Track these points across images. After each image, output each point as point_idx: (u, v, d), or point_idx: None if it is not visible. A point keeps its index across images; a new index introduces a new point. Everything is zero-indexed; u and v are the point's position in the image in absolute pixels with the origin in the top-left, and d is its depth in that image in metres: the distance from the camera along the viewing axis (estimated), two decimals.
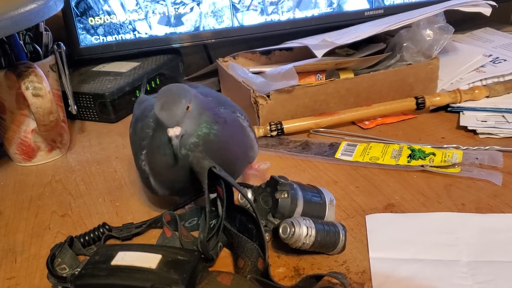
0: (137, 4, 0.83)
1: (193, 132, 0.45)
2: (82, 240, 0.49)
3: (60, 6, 0.63)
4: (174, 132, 0.43)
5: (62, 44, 0.71)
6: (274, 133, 0.67)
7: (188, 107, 0.44)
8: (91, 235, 0.50)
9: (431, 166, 0.56)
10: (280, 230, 0.43)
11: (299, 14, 0.86)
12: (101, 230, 0.50)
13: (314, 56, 0.70)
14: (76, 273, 0.44)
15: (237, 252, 0.44)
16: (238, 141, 0.49)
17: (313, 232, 0.42)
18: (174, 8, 0.84)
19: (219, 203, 0.45)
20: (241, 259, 0.43)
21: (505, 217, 0.48)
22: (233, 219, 0.47)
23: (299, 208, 0.45)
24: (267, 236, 0.45)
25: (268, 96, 0.67)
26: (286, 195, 0.44)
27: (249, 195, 0.47)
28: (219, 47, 0.94)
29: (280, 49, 0.82)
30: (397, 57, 0.73)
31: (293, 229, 0.42)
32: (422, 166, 0.56)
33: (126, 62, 0.88)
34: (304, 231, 0.42)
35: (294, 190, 0.45)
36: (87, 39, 0.85)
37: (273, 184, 0.46)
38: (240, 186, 0.45)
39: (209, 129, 0.46)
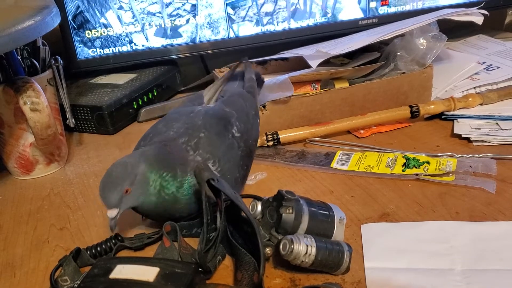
0: (134, 16, 0.84)
1: (142, 204, 0.48)
2: (93, 251, 0.50)
3: (57, 21, 0.63)
4: (109, 214, 0.46)
5: (59, 58, 0.72)
6: (271, 143, 0.67)
7: (127, 190, 0.46)
8: (103, 246, 0.50)
9: (426, 175, 0.57)
10: (280, 246, 0.42)
11: (294, 24, 0.87)
12: (113, 240, 0.50)
13: (309, 65, 0.71)
14: (76, 285, 0.45)
15: (236, 264, 0.44)
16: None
17: (313, 251, 0.41)
18: (170, 20, 0.85)
19: (218, 215, 0.46)
20: (239, 272, 0.43)
21: (499, 225, 0.48)
22: (239, 230, 0.47)
23: (304, 224, 0.44)
24: (269, 250, 0.45)
25: (264, 107, 0.68)
26: (290, 211, 0.44)
27: (259, 207, 0.47)
28: (215, 58, 0.95)
29: (276, 59, 0.83)
30: (391, 66, 0.74)
31: (292, 246, 0.41)
32: (417, 174, 0.57)
33: (123, 74, 0.89)
34: (303, 249, 0.41)
35: (300, 206, 0.44)
36: (84, 52, 0.86)
37: (279, 198, 0.45)
38: (241, 200, 0.45)
39: (159, 196, 0.48)
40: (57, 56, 0.72)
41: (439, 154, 0.61)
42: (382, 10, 0.87)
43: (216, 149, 0.51)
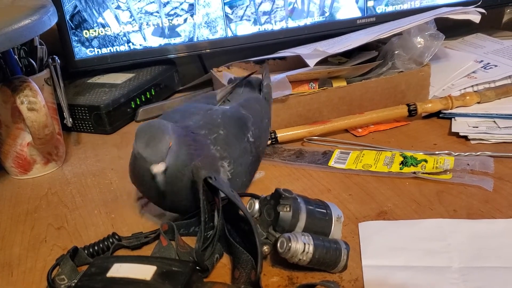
0: (131, 16, 0.84)
1: (174, 165, 0.46)
2: (91, 250, 0.49)
3: (54, 20, 0.63)
4: (158, 168, 0.44)
5: (56, 58, 0.72)
6: (268, 142, 0.67)
7: (170, 142, 0.45)
8: (100, 245, 0.50)
9: (423, 173, 0.57)
10: (278, 245, 0.42)
11: (292, 24, 0.87)
12: (111, 240, 0.50)
13: (307, 64, 0.71)
14: (73, 284, 0.45)
15: (234, 262, 0.44)
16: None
17: (310, 249, 0.41)
18: (168, 20, 0.85)
19: (215, 213, 0.46)
20: (237, 270, 0.43)
21: (496, 222, 0.48)
22: (237, 229, 0.47)
23: (301, 222, 0.44)
24: (266, 249, 0.44)
25: None
26: (288, 209, 0.44)
27: (257, 206, 0.47)
28: (213, 57, 0.95)
29: (274, 58, 0.83)
30: (389, 65, 0.74)
31: (289, 244, 0.41)
32: (414, 173, 0.57)
33: (121, 73, 0.89)
34: (300, 247, 0.41)
35: (297, 204, 0.44)
36: (82, 52, 0.86)
37: (277, 196, 0.45)
38: (239, 198, 0.45)
39: (185, 162, 0.46)
40: (54, 56, 0.72)
41: (437, 152, 0.61)
42: (380, 9, 0.88)
43: (233, 150, 0.51)
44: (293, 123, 0.70)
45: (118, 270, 0.40)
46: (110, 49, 0.86)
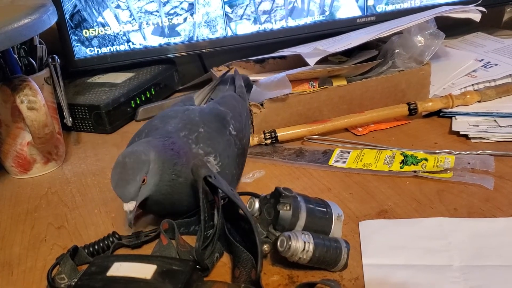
0: (131, 15, 0.84)
1: (154, 191, 0.47)
2: (91, 249, 0.49)
3: (54, 19, 0.63)
4: (128, 207, 0.45)
5: (56, 57, 0.72)
6: (268, 141, 0.67)
7: (144, 179, 0.45)
8: (101, 244, 0.50)
9: (424, 172, 0.56)
10: (278, 243, 0.42)
11: (292, 23, 0.87)
12: (111, 239, 0.50)
13: (307, 63, 0.71)
14: (73, 283, 0.45)
15: (234, 261, 0.44)
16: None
17: (310, 247, 0.41)
18: (168, 19, 0.85)
19: (215, 212, 0.46)
20: (237, 269, 0.43)
21: (496, 221, 0.48)
22: (237, 228, 0.47)
23: (301, 221, 0.44)
24: (266, 247, 0.45)
25: (262, 105, 0.68)
26: (288, 208, 0.43)
27: (257, 204, 0.47)
28: (213, 56, 0.95)
29: (274, 58, 0.83)
30: (389, 64, 0.73)
31: (289, 243, 0.41)
32: (415, 171, 0.57)
33: (121, 73, 0.89)
34: (300, 245, 0.41)
35: (297, 203, 0.44)
36: (82, 51, 0.85)
37: (277, 195, 0.45)
38: (238, 197, 0.45)
39: (171, 183, 0.47)
40: (54, 55, 0.72)
41: (437, 151, 0.61)
42: (380, 8, 0.87)
43: (216, 144, 0.51)
44: (293, 122, 0.70)
45: (118, 269, 0.40)
46: (110, 49, 0.86)
